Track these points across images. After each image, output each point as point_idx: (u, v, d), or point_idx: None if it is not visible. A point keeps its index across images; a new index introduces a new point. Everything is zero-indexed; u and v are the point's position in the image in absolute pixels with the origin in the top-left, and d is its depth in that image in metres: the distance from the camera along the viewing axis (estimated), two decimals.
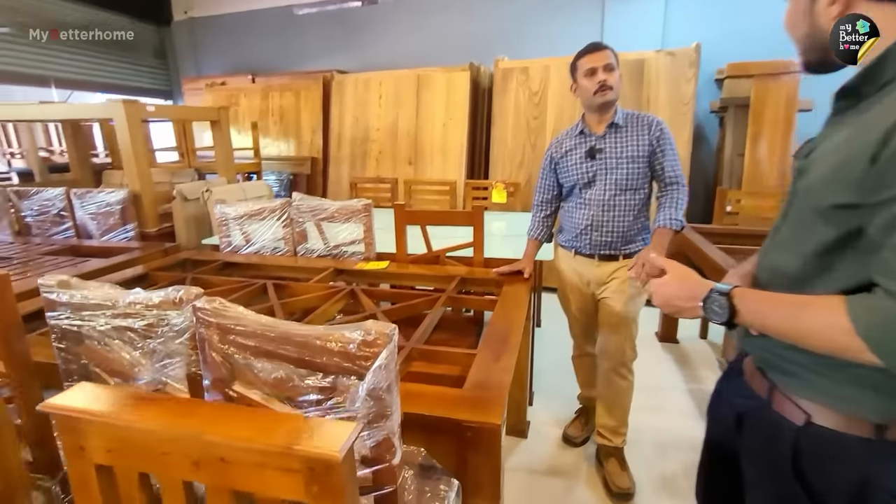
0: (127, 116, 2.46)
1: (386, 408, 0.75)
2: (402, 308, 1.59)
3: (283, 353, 0.78)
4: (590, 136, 1.62)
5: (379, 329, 0.73)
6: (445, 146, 3.77)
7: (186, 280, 1.82)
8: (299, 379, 0.79)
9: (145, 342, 0.95)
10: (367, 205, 2.00)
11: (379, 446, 0.77)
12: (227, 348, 0.82)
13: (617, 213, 1.60)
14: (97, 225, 2.58)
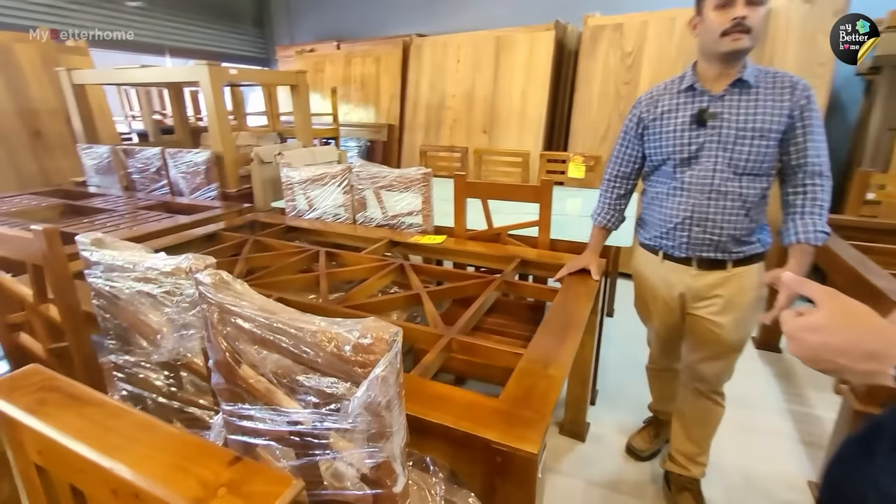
0: (210, 79, 2.49)
1: (385, 427, 0.59)
2: (450, 289, 1.42)
3: (278, 343, 0.65)
4: (702, 93, 1.16)
5: (378, 332, 0.56)
6: (523, 115, 3.46)
7: (248, 242, 1.80)
8: (299, 375, 0.66)
9: (163, 309, 0.89)
10: (426, 174, 1.83)
11: (379, 469, 0.62)
12: (225, 329, 0.72)
13: (728, 205, 1.14)
14: (187, 183, 2.70)
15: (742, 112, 1.12)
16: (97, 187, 2.96)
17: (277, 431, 0.71)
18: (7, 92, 3.25)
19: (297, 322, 0.62)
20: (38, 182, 3.27)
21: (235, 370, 0.74)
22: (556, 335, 1.07)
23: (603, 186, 1.44)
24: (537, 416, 0.80)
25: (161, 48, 4.97)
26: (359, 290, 1.40)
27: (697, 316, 1.28)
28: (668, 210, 1.23)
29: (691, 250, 1.22)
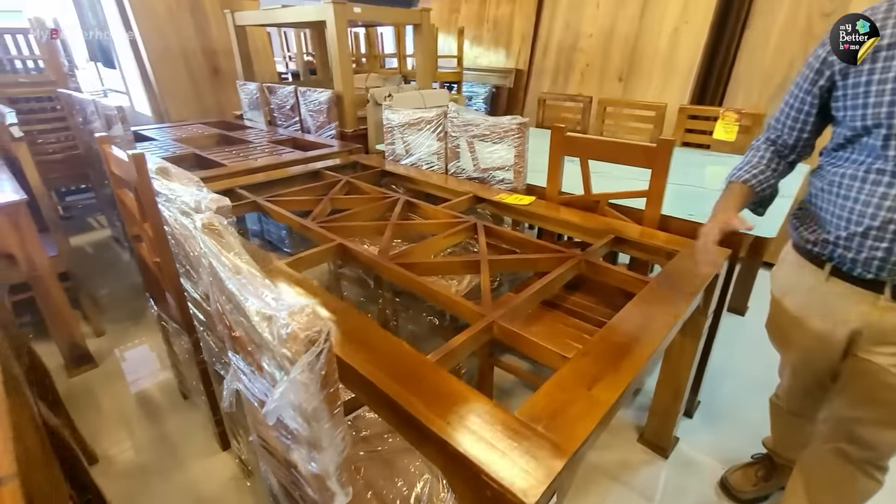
0: (335, 18, 2.45)
1: (316, 438, 0.45)
2: (517, 261, 1.20)
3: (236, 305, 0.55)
4: None
5: (301, 325, 0.41)
6: (671, 60, 2.79)
7: (339, 182, 1.77)
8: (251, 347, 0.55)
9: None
10: (521, 125, 1.55)
11: (317, 479, 0.50)
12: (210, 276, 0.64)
13: None
14: (313, 121, 2.80)
15: None
16: (249, 120, 3.26)
17: (253, 395, 0.63)
18: (195, 33, 3.69)
19: (244, 291, 0.50)
20: (214, 113, 3.74)
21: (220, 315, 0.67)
22: (619, 346, 0.80)
23: (758, 141, 1.02)
24: (553, 450, 0.59)
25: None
26: (421, 246, 1.26)
27: (874, 364, 0.85)
28: (861, 205, 0.79)
29: (888, 271, 0.79)
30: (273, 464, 0.70)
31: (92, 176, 2.81)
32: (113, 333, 2.07)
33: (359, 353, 0.77)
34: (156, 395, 1.71)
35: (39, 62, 2.94)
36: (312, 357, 0.41)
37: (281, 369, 0.47)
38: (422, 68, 3.01)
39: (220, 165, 1.98)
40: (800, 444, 1.11)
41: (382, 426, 1.00)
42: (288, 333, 0.41)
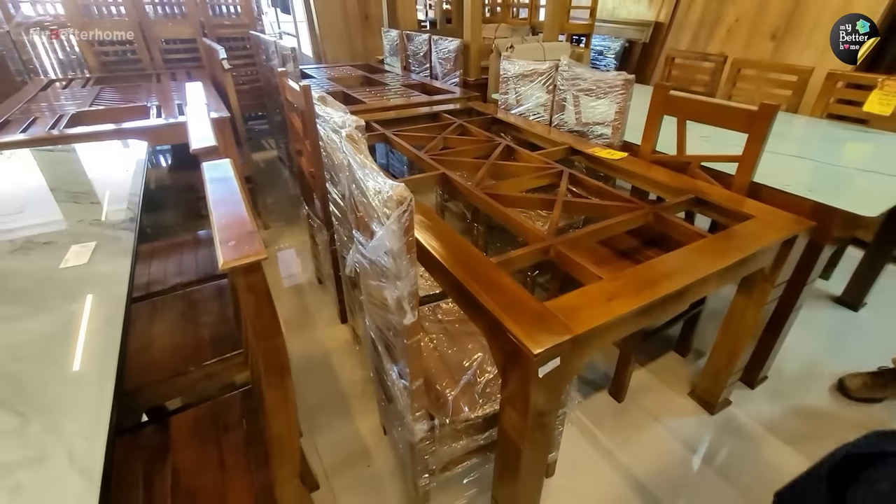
0: None
1: (399, 270, 0.71)
2: (587, 205, 1.32)
3: (360, 188, 0.82)
4: None
5: (396, 194, 0.65)
6: (846, 13, 2.34)
7: (453, 125, 1.99)
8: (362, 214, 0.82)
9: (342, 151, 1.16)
10: (627, 81, 1.57)
11: (397, 303, 0.77)
12: (344, 173, 0.92)
13: None
14: (441, 68, 3.02)
15: None
16: (388, 65, 3.60)
17: (364, 255, 0.92)
18: None
19: (366, 178, 0.76)
20: (361, 56, 4.17)
21: (351, 203, 0.96)
22: (648, 279, 0.92)
23: None
24: (562, 329, 0.78)
25: None
26: (508, 182, 1.44)
27: None
28: None
29: None
30: (373, 310, 1.00)
31: (268, 105, 3.45)
32: (275, 229, 2.67)
33: (442, 249, 1.01)
34: (300, 279, 2.23)
35: (238, 7, 3.59)
36: (400, 212, 0.65)
37: (382, 225, 0.72)
38: (550, 20, 2.98)
39: (361, 103, 2.33)
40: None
41: (457, 314, 1.27)
42: (388, 197, 0.66)
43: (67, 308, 0.75)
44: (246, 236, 0.54)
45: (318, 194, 1.61)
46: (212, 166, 0.78)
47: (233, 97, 2.27)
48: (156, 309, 1.25)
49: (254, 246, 0.52)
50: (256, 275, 0.53)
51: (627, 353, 1.44)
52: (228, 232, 0.55)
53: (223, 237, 0.54)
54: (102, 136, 1.76)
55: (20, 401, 0.59)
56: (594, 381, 1.62)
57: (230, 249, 0.51)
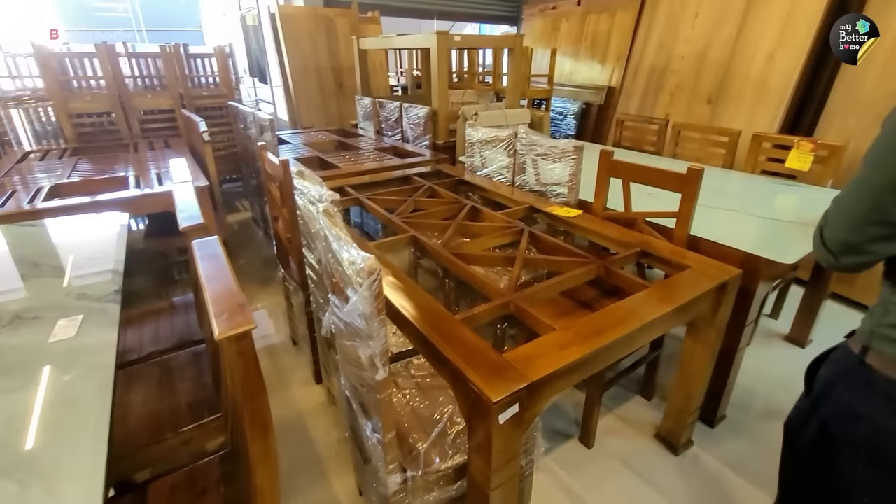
0: (438, 46, 2.90)
1: (371, 331, 0.83)
2: (545, 261, 1.49)
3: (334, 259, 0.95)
4: None
5: (367, 265, 0.78)
6: (764, 84, 2.75)
7: (423, 187, 2.19)
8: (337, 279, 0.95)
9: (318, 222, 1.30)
10: (577, 147, 1.81)
11: (369, 360, 0.88)
12: (321, 242, 1.06)
13: None
14: (412, 132, 3.30)
15: None
16: (362, 129, 3.88)
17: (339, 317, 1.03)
18: (328, 54, 4.45)
19: (341, 249, 0.90)
20: (336, 121, 4.47)
21: (327, 270, 1.09)
22: (596, 328, 1.07)
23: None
24: (518, 378, 0.90)
25: (430, 13, 5.76)
26: (473, 241, 1.61)
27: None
28: None
29: None
30: (348, 369, 1.10)
31: (243, 169, 3.63)
32: (249, 291, 2.74)
33: (411, 308, 1.14)
34: (275, 340, 2.29)
35: (217, 78, 3.86)
36: (371, 281, 0.78)
37: (355, 292, 0.85)
38: (511, 88, 3.34)
39: (336, 167, 2.53)
40: None
41: (428, 370, 1.37)
42: (360, 268, 0.79)
43: (60, 379, 0.83)
44: (237, 308, 0.66)
45: (295, 258, 1.74)
46: (202, 244, 0.90)
47: (211, 166, 2.43)
48: (132, 378, 1.30)
49: (245, 317, 0.63)
50: (246, 341, 0.64)
51: (593, 399, 1.55)
52: (221, 305, 0.67)
53: (217, 310, 0.65)
54: (82, 209, 1.86)
55: (19, 468, 0.66)
56: (565, 430, 1.70)
57: (224, 322, 0.63)
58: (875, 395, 0.70)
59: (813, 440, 0.80)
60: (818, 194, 1.98)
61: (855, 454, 0.73)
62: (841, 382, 0.77)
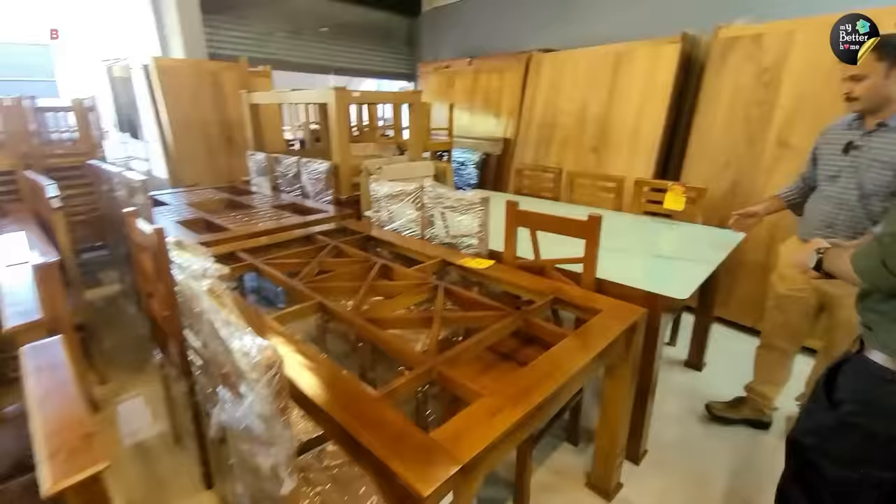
0: (336, 102, 2.90)
1: (273, 436, 0.70)
2: (465, 317, 1.46)
3: (223, 347, 0.81)
4: None
5: (264, 357, 0.67)
6: (636, 136, 3.19)
7: (328, 246, 2.08)
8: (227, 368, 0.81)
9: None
10: (484, 199, 1.87)
11: (273, 470, 0.74)
12: (205, 326, 0.91)
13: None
14: (312, 188, 3.19)
15: None
16: (256, 185, 3.67)
17: (233, 417, 0.87)
18: (213, 108, 4.22)
19: (231, 338, 0.77)
20: (225, 177, 4.18)
21: (215, 359, 0.93)
22: (523, 388, 1.04)
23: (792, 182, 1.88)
24: (450, 461, 0.82)
25: (327, 68, 5.85)
26: (387, 303, 1.53)
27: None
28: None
29: None
30: (245, 476, 0.93)
31: (109, 235, 3.17)
32: (117, 381, 2.31)
33: (320, 389, 1.01)
34: (151, 438, 1.92)
35: (75, 134, 3.42)
36: (269, 377, 0.66)
37: (251, 389, 0.72)
38: (413, 141, 3.43)
39: (225, 230, 2.31)
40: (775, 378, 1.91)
41: (342, 457, 1.22)
42: (256, 362, 0.67)
43: None
44: (81, 443, 0.50)
45: (174, 341, 1.49)
46: (37, 350, 0.71)
47: (63, 237, 2.07)
48: None
49: (92, 455, 0.48)
50: (96, 489, 0.49)
51: (525, 458, 1.51)
52: (57, 440, 0.51)
53: (51, 448, 0.49)
54: None
55: None
56: (498, 497, 1.62)
57: (61, 465, 0.47)
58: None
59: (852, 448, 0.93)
60: (693, 230, 2.27)
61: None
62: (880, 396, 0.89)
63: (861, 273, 0.89)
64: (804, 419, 1.07)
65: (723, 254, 1.89)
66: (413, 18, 6.52)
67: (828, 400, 0.99)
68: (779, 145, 2.55)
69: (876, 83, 1.40)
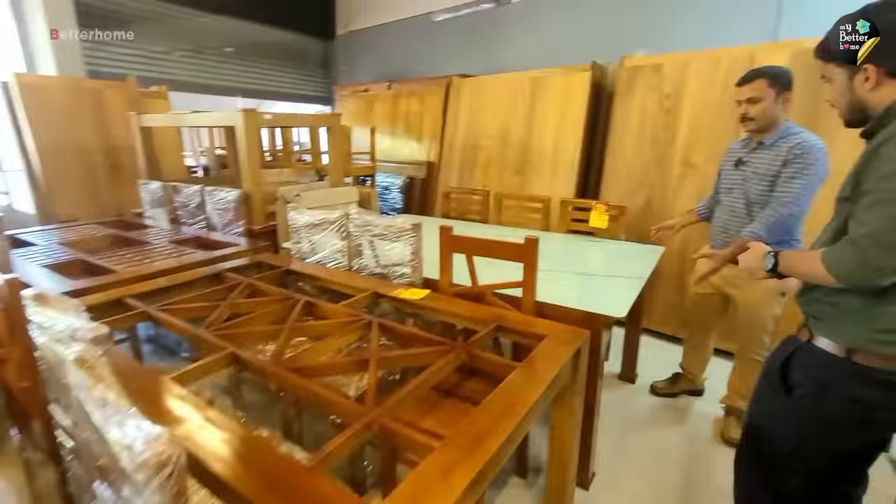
0: (245, 124, 2.68)
1: None
2: (405, 356, 1.35)
3: (97, 435, 0.63)
4: None
5: (156, 450, 0.51)
6: (556, 158, 3.34)
7: (240, 285, 1.85)
8: None
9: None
10: (415, 225, 1.79)
11: None
12: None
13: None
14: (220, 219, 2.89)
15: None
16: (150, 219, 3.26)
17: None
18: (95, 131, 3.74)
19: (107, 423, 0.59)
20: (112, 210, 3.68)
21: (90, 450, 0.73)
22: (476, 435, 0.95)
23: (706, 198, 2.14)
24: None
25: (233, 90, 5.50)
26: (314, 348, 1.37)
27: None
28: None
29: None
30: None
31: None
32: None
33: (232, 463, 0.84)
34: None
35: None
36: (162, 480, 0.50)
37: (137, 493, 0.55)
38: (334, 166, 3.28)
39: (110, 272, 1.98)
40: None
41: None
42: (142, 460, 0.51)
43: None
44: None
45: (38, 419, 1.20)
46: None
47: None
48: None
49: None
50: None
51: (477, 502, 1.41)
52: None
53: None
54: None
55: None
56: None
57: None
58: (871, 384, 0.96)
59: (816, 424, 1.04)
60: (619, 247, 2.38)
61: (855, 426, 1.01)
62: (834, 379, 1.01)
63: (839, 275, 0.94)
64: (759, 405, 1.19)
65: (649, 268, 1.98)
66: (327, 41, 6.42)
67: (783, 385, 1.09)
68: (683, 165, 2.80)
69: (768, 106, 1.68)
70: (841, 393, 0.99)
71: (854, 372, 0.97)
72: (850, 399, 0.99)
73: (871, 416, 0.99)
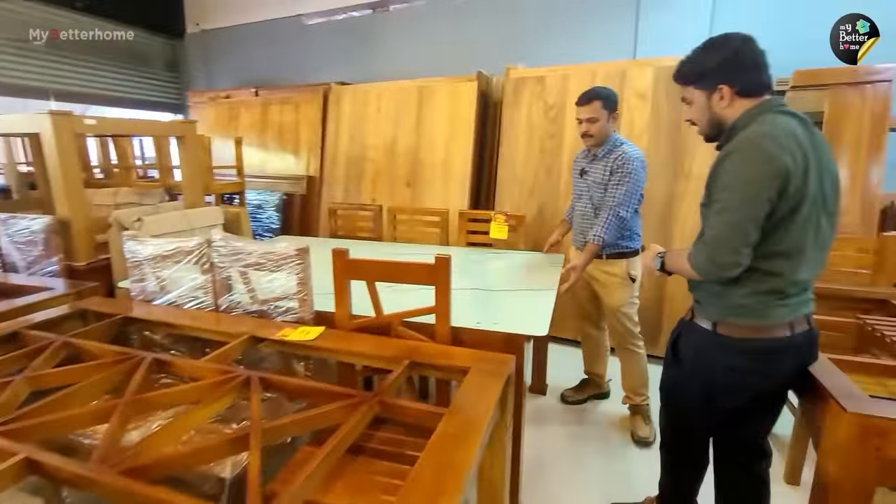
0: (55, 131, 2.10)
1: None
2: (297, 422, 1.06)
3: None
4: None
5: None
6: (448, 168, 3.26)
7: (50, 347, 1.36)
8: None
9: None
10: (301, 251, 1.50)
11: None
12: None
13: None
14: (22, 256, 2.22)
15: None
16: None
17: None
18: None
19: None
20: None
21: None
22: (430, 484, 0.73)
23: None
24: None
25: (44, 91, 4.48)
26: (165, 431, 1.01)
27: None
28: None
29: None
30: None
31: None
32: None
33: None
34: None
35: None
36: None
37: None
38: (189, 183, 2.77)
39: None
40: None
41: None
42: None
43: None
44: None
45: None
46: None
47: None
48: None
49: None
50: None
51: None
52: None
53: None
54: None
55: None
56: None
57: None
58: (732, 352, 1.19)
59: (702, 385, 1.26)
60: (522, 258, 2.34)
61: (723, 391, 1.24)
62: (706, 346, 1.24)
63: (698, 270, 1.16)
64: (665, 373, 1.41)
65: (556, 277, 1.95)
66: (176, 40, 5.63)
67: (674, 358, 1.34)
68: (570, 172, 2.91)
69: (603, 124, 1.94)
70: (715, 358, 1.21)
71: (720, 342, 1.20)
72: (725, 366, 1.20)
73: (747, 382, 1.19)
